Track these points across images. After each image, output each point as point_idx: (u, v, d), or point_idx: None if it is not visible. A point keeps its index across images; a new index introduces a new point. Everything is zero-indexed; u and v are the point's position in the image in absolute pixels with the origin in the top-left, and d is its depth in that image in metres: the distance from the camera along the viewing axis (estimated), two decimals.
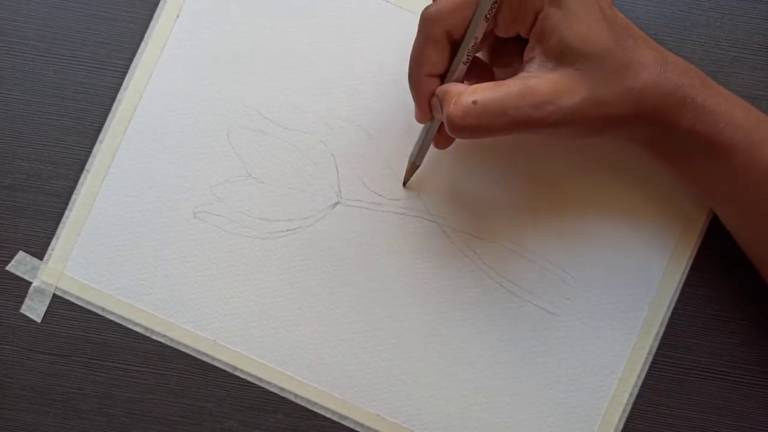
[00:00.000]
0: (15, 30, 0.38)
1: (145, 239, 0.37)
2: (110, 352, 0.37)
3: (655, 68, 0.31)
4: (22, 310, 0.38)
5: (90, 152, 0.38)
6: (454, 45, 0.32)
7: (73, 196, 0.37)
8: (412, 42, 0.32)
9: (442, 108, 0.31)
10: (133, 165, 0.37)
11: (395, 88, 0.37)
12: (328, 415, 0.37)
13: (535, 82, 0.30)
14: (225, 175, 0.37)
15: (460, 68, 0.32)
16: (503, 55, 0.35)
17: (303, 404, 0.37)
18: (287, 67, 0.38)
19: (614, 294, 0.37)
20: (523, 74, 0.31)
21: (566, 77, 0.30)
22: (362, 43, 0.38)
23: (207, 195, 0.37)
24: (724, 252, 0.37)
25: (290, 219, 0.37)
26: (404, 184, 0.37)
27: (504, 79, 0.32)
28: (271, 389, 0.37)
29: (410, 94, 0.33)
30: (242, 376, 0.37)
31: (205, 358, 0.37)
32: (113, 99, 0.38)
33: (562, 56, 0.30)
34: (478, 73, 0.34)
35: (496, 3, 0.30)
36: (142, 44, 0.38)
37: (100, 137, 0.38)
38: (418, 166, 0.36)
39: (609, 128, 0.32)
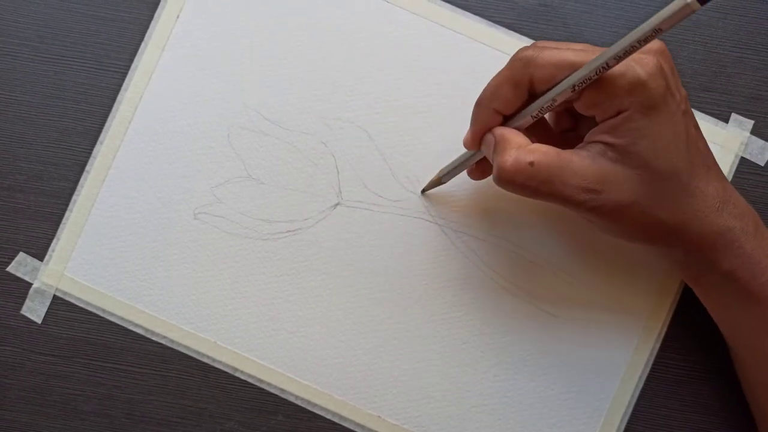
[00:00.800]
0: (15, 31, 0.38)
1: (145, 240, 0.37)
2: (111, 354, 0.37)
3: (714, 204, 0.31)
4: (22, 312, 0.38)
5: (90, 153, 0.38)
6: (532, 94, 0.31)
7: (74, 197, 0.37)
8: (411, 41, 0.31)
9: (494, 151, 0.31)
10: (134, 166, 0.37)
11: (397, 89, 0.37)
12: (328, 417, 0.37)
13: (591, 165, 0.30)
14: (225, 176, 0.37)
15: (527, 119, 0.31)
16: (566, 121, 0.34)
17: (303, 405, 0.37)
18: (288, 68, 0.38)
19: (616, 295, 0.37)
20: (581, 152, 0.30)
21: (622, 175, 0.30)
22: (363, 43, 0.37)
23: (207, 196, 0.37)
24: None
25: (291, 220, 0.37)
26: (422, 191, 0.37)
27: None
28: (272, 390, 0.37)
29: (469, 118, 0.33)
30: (243, 377, 0.37)
31: (205, 360, 0.37)
32: (113, 100, 0.38)
33: (627, 157, 0.29)
34: (537, 128, 0.33)
35: (588, 81, 0.29)
36: (143, 45, 0.38)
37: (101, 138, 0.38)
38: (442, 183, 0.36)
39: (644, 240, 0.32)
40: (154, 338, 0.37)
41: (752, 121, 0.38)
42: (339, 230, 0.37)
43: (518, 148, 0.30)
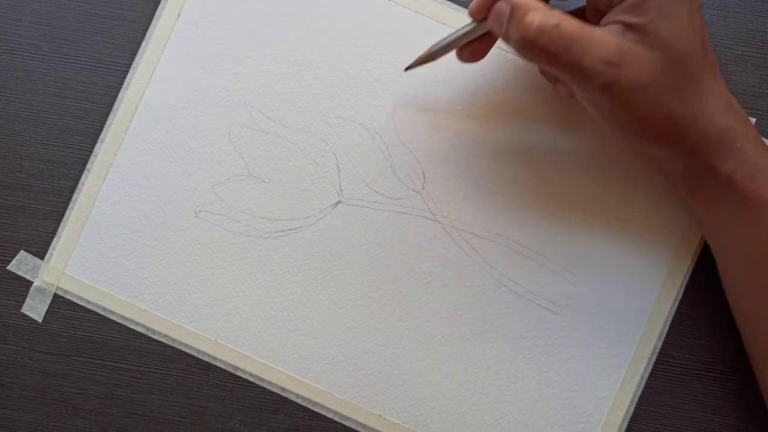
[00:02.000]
0: (17, 29, 0.38)
1: (146, 239, 0.37)
2: (111, 352, 0.37)
3: (720, 103, 0.31)
4: (23, 310, 0.37)
5: (91, 151, 0.38)
6: None
7: (75, 196, 0.37)
8: (412, 40, 0.31)
9: (512, 16, 0.30)
10: (135, 164, 0.37)
11: (397, 87, 0.37)
12: (329, 416, 0.37)
13: (613, 39, 0.29)
14: (226, 174, 0.37)
15: None
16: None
17: (304, 404, 0.37)
18: (288, 66, 0.38)
19: (617, 294, 0.37)
20: (603, 28, 0.30)
21: (641, 54, 0.29)
22: (364, 41, 0.37)
23: (208, 194, 0.37)
24: None
25: (292, 218, 0.37)
26: (407, 68, 0.35)
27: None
28: (273, 389, 0.37)
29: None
30: (244, 376, 0.37)
31: (206, 358, 0.37)
32: (114, 98, 0.38)
33: (648, 36, 0.29)
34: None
35: None
36: (144, 43, 0.38)
37: (102, 136, 0.38)
38: (433, 60, 0.35)
39: (650, 135, 0.32)
40: (155, 337, 0.37)
41: (754, 119, 0.38)
42: (340, 228, 0.37)
43: (540, 10, 0.29)
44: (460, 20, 0.37)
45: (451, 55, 0.34)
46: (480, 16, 0.32)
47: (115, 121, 0.37)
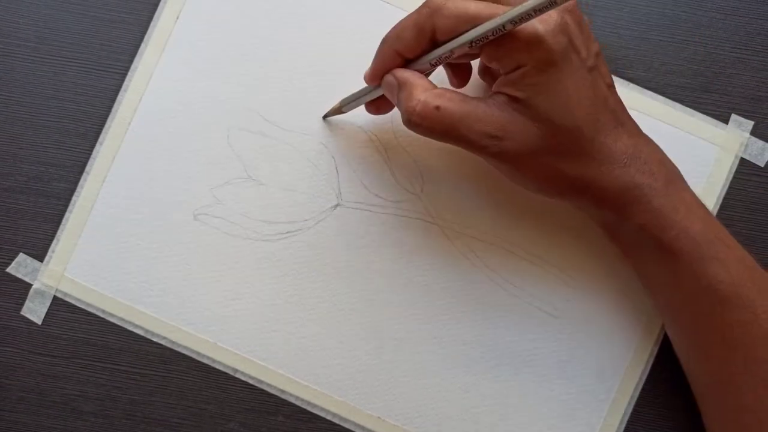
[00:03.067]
0: (15, 32, 0.38)
1: (145, 241, 0.37)
2: (111, 354, 0.37)
3: (621, 159, 0.31)
4: (22, 312, 0.38)
5: (90, 154, 0.38)
6: (435, 43, 0.31)
7: (74, 198, 0.37)
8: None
9: (399, 92, 0.31)
10: (133, 167, 0.37)
11: None
12: (328, 417, 0.37)
13: (494, 113, 0.30)
14: (225, 177, 0.37)
15: (426, 66, 0.32)
16: (493, 74, 0.34)
17: (303, 406, 0.37)
18: (287, 69, 0.38)
19: (615, 297, 0.37)
20: (488, 100, 0.31)
21: (524, 125, 0.30)
22: (362, 44, 0.37)
23: (207, 197, 0.37)
24: None
25: (290, 221, 0.37)
26: (324, 117, 0.37)
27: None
28: (272, 391, 0.37)
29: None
30: (243, 378, 0.37)
31: (205, 361, 0.37)
32: (113, 101, 0.38)
33: (528, 109, 0.30)
34: (460, 70, 0.34)
35: (485, 39, 0.29)
36: (142, 46, 0.38)
37: (100, 139, 0.38)
38: (343, 112, 0.36)
39: (551, 192, 0.33)
40: (154, 339, 0.37)
41: (752, 122, 0.38)
42: (339, 231, 0.37)
43: (425, 91, 0.31)
44: None
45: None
46: (374, 83, 0.34)
47: (113, 124, 0.37)
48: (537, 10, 0.27)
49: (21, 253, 0.38)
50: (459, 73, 0.34)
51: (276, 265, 0.37)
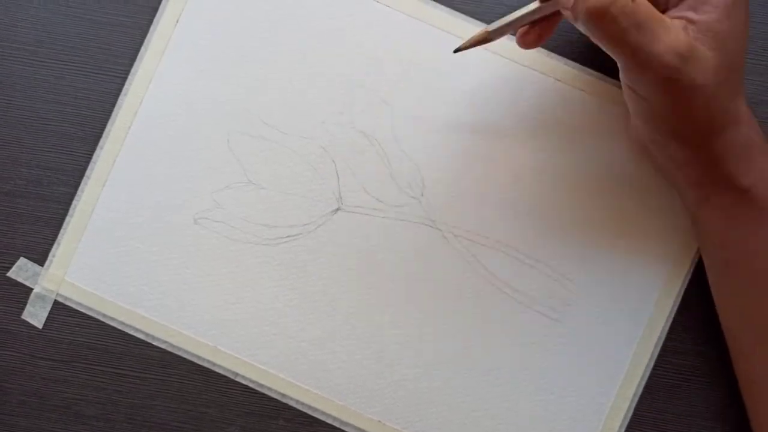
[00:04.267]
0: (14, 36, 0.38)
1: (145, 245, 0.37)
2: (111, 358, 0.37)
3: (747, 113, 0.31)
4: (23, 317, 0.38)
5: (90, 158, 0.38)
6: None
7: (74, 202, 0.37)
8: (412, 46, 0.30)
9: None
10: (134, 171, 0.37)
11: (396, 94, 0.37)
12: (329, 421, 0.37)
13: (681, 33, 0.28)
14: (225, 181, 0.37)
15: None
16: None
17: (304, 410, 0.37)
18: (287, 73, 0.37)
19: (615, 300, 0.37)
20: (675, 21, 0.29)
21: (703, 53, 0.28)
22: (363, 48, 0.37)
23: (207, 201, 0.37)
24: None
25: (291, 225, 0.37)
26: (458, 49, 0.34)
27: None
28: (273, 395, 0.37)
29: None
30: (243, 382, 0.37)
31: (206, 364, 0.37)
32: (113, 105, 0.38)
33: (709, 36, 0.28)
34: None
35: None
36: (142, 49, 0.37)
37: (101, 143, 0.37)
38: (490, 41, 0.33)
39: (685, 135, 0.31)
40: (154, 343, 0.37)
41: None
42: (339, 235, 0.37)
43: None
44: (461, 27, 0.37)
45: (453, 61, 0.34)
46: None
47: (114, 128, 0.37)
48: None
49: (21, 258, 0.38)
50: (545, 25, 0.32)
51: (276, 269, 0.37)
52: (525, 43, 0.33)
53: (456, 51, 0.34)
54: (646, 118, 0.32)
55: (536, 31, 0.32)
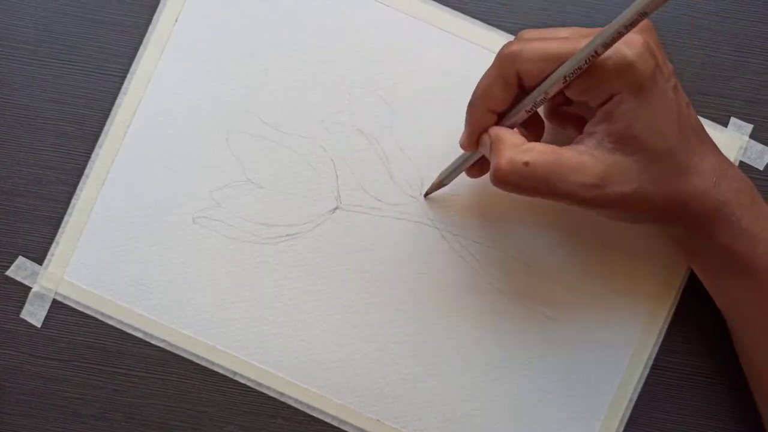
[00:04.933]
0: (13, 35, 0.38)
1: (144, 244, 0.37)
2: (110, 357, 0.37)
3: (710, 179, 0.31)
4: (21, 315, 0.38)
5: (89, 157, 0.38)
6: (523, 89, 0.30)
7: (73, 201, 0.37)
8: (410, 45, 0.31)
9: (491, 152, 0.31)
10: (132, 170, 0.37)
11: (395, 93, 0.37)
12: (327, 420, 0.37)
13: (590, 161, 0.30)
14: (224, 180, 0.37)
15: (522, 114, 0.31)
16: (562, 115, 0.34)
17: (303, 409, 0.37)
18: (286, 72, 0.37)
19: (613, 299, 0.37)
20: (579, 147, 0.30)
21: (621, 165, 0.30)
22: (362, 47, 0.37)
23: (206, 200, 0.37)
24: None
25: (290, 224, 0.37)
26: (425, 195, 0.37)
27: (552, 134, 0.33)
28: (271, 394, 0.37)
29: (463, 119, 0.33)
30: (242, 381, 0.37)
31: (204, 363, 0.37)
32: (112, 104, 0.38)
33: (624, 143, 0.29)
34: (531, 122, 0.33)
35: (579, 71, 0.28)
36: (141, 49, 0.37)
37: (99, 142, 0.38)
38: (444, 185, 0.36)
39: (646, 221, 0.33)
40: (153, 342, 0.37)
41: (751, 125, 0.38)
42: (338, 234, 0.37)
43: (513, 148, 0.30)
44: (459, 26, 0.37)
45: (449, 57, 0.34)
46: (471, 148, 0.33)
47: (113, 127, 0.37)
48: (627, 26, 0.26)
49: (20, 257, 0.38)
50: (532, 130, 0.34)
51: (275, 268, 0.37)
52: (472, 176, 0.35)
53: (425, 195, 0.37)
54: (608, 218, 0.34)
55: (476, 168, 0.35)
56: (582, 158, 0.30)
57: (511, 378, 0.37)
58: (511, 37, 0.37)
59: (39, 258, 0.38)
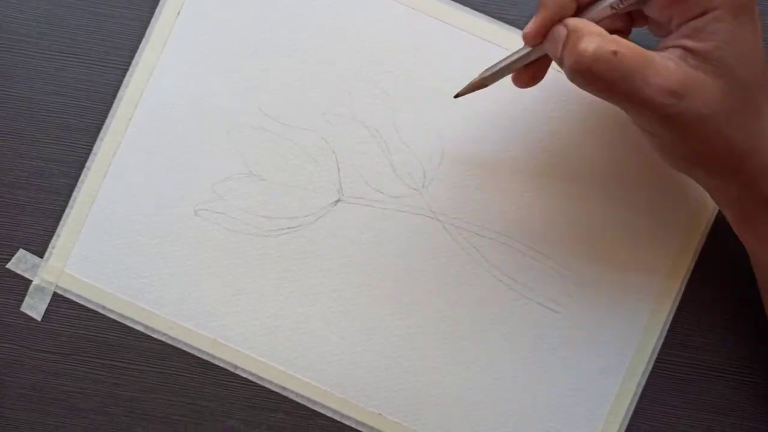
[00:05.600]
0: (16, 27, 0.38)
1: (145, 237, 0.37)
2: (111, 351, 0.37)
3: None
4: (22, 309, 0.37)
5: (91, 150, 0.37)
6: None
7: (74, 194, 0.37)
8: (412, 38, 0.30)
9: (565, 44, 0.28)
10: (134, 163, 0.37)
11: (397, 85, 0.37)
12: (329, 414, 0.37)
13: (675, 68, 0.27)
14: (226, 173, 0.37)
15: (605, 11, 0.28)
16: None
17: (304, 403, 0.37)
18: (288, 64, 0.37)
19: (617, 292, 0.37)
20: (662, 54, 0.28)
21: (704, 83, 0.27)
22: (364, 39, 0.37)
23: (208, 193, 0.37)
24: (728, 251, 0.37)
25: (291, 216, 0.37)
26: (458, 95, 0.34)
27: None
28: (273, 388, 0.37)
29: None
30: (243, 374, 0.37)
31: (206, 357, 0.37)
32: (114, 96, 0.38)
33: (711, 63, 0.27)
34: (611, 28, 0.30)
35: None
36: (143, 41, 0.37)
37: (101, 135, 0.37)
38: (485, 86, 0.33)
39: (707, 166, 0.30)
40: (154, 335, 0.37)
41: None
42: (340, 226, 0.37)
43: (599, 35, 0.27)
44: (461, 18, 0.37)
45: (449, 55, 0.34)
46: (536, 41, 0.30)
47: (114, 120, 0.37)
48: None
49: (21, 249, 0.38)
50: (538, 66, 0.31)
51: (277, 261, 0.37)
52: (520, 83, 0.33)
53: (456, 96, 0.34)
54: (662, 152, 0.31)
55: (529, 73, 0.32)
56: (667, 63, 0.27)
57: (514, 372, 0.37)
58: (514, 30, 0.37)
59: (40, 251, 0.37)
